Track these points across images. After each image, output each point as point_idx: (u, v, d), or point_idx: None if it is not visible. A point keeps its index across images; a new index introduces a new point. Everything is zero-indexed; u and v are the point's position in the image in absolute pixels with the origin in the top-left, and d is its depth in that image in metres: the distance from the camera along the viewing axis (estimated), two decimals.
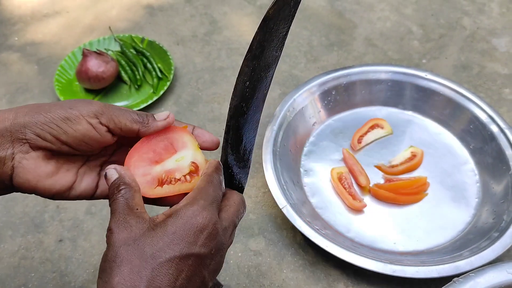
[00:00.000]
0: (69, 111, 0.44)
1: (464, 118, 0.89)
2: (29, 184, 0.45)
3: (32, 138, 0.44)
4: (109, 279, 0.38)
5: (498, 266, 0.64)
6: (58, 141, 0.45)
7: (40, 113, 0.44)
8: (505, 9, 1.18)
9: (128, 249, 0.39)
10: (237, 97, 0.51)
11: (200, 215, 0.42)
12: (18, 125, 0.43)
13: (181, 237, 0.40)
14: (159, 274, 0.38)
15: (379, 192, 0.82)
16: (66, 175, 0.48)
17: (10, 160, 0.44)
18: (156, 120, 0.49)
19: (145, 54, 1.05)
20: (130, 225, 0.41)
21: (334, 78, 0.93)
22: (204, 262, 0.42)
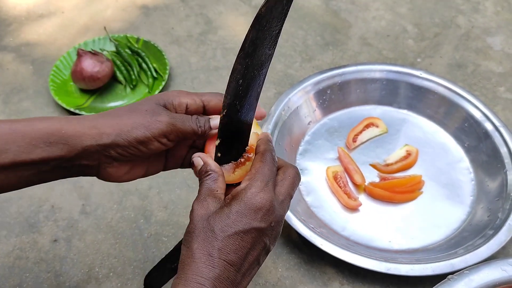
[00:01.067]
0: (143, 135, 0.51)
1: (458, 117, 0.89)
2: (110, 181, 0.55)
3: (115, 156, 0.52)
4: (190, 245, 0.48)
5: (493, 264, 0.64)
6: (134, 156, 0.53)
7: (121, 136, 0.51)
8: (499, 8, 1.18)
9: (204, 223, 0.48)
10: (230, 95, 0.51)
11: (258, 196, 0.49)
12: (104, 145, 0.51)
13: (243, 215, 0.48)
14: (227, 244, 0.47)
15: (374, 190, 0.82)
16: (139, 167, 0.56)
17: (97, 167, 0.53)
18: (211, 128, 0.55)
19: (140, 54, 1.05)
20: (207, 204, 0.50)
21: (329, 77, 0.93)
22: (264, 233, 0.49)
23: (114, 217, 0.82)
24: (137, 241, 0.79)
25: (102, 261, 0.77)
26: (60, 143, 0.50)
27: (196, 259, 0.47)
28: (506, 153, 0.81)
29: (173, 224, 0.81)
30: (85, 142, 0.50)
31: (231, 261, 0.47)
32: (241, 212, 0.48)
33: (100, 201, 0.84)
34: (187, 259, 0.47)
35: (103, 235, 0.80)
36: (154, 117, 0.52)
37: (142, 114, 0.52)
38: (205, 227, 0.48)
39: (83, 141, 0.50)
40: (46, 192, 0.85)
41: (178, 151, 0.59)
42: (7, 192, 0.52)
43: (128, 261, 0.77)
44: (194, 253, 0.47)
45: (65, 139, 0.50)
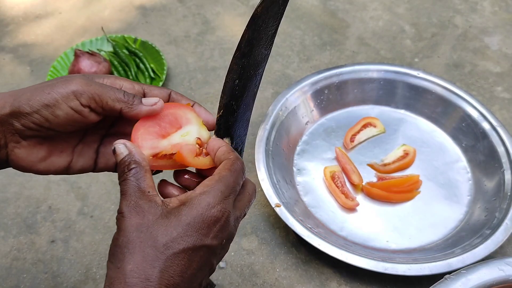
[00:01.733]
0: (47, 96, 0.43)
1: (456, 116, 0.89)
2: (24, 169, 0.47)
3: (20, 128, 0.44)
4: (121, 265, 0.39)
5: (490, 263, 0.64)
6: (43, 128, 0.45)
7: (22, 102, 0.43)
8: (497, 8, 1.18)
9: (141, 236, 0.39)
10: (226, 95, 0.51)
11: (216, 207, 0.42)
12: (5, 116, 0.43)
13: (195, 229, 0.40)
14: (172, 264, 0.39)
15: (372, 190, 0.82)
16: (60, 156, 0.48)
17: (4, 148, 0.45)
18: (142, 103, 0.47)
19: (138, 55, 1.05)
20: (143, 210, 0.41)
21: (326, 77, 0.93)
22: (214, 252, 0.43)
23: (111, 217, 0.82)
24: None
25: (100, 262, 0.77)
26: None
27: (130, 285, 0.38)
28: (503, 152, 0.81)
29: None
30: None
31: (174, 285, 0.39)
32: (193, 225, 0.40)
33: (97, 201, 0.84)
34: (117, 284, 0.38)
35: (101, 235, 0.80)
36: (64, 80, 0.45)
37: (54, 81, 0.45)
38: (143, 241, 0.39)
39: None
40: (43, 193, 0.85)
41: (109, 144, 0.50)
42: None
43: None
44: (126, 277, 0.38)
45: None
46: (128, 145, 0.45)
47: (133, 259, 0.39)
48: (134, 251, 0.39)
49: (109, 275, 0.40)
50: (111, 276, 0.39)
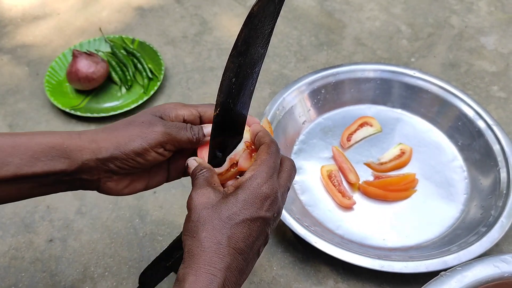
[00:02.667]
0: (140, 146, 0.52)
1: (452, 115, 0.90)
2: (111, 194, 0.56)
3: (114, 169, 0.53)
4: (196, 235, 0.47)
5: (485, 260, 0.65)
6: (133, 169, 0.54)
7: (119, 149, 0.52)
8: (493, 8, 1.19)
9: (208, 212, 0.47)
10: (223, 94, 0.51)
11: (265, 185, 0.49)
12: (102, 159, 0.52)
13: (251, 204, 0.48)
14: (236, 231, 0.47)
15: (368, 189, 0.82)
16: (140, 181, 0.57)
17: (97, 181, 0.54)
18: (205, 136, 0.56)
19: (136, 55, 1.05)
20: (208, 193, 0.49)
21: (323, 77, 0.94)
22: (268, 223, 0.50)
23: (109, 217, 0.82)
24: (133, 241, 0.79)
25: (98, 261, 0.77)
26: (62, 157, 0.51)
27: (206, 248, 0.46)
28: (499, 150, 0.82)
29: (168, 223, 0.81)
30: (85, 156, 0.51)
31: (239, 250, 0.47)
32: (248, 201, 0.48)
33: (95, 201, 0.84)
34: (196, 248, 0.46)
35: (99, 234, 0.80)
36: (150, 128, 0.53)
37: (138, 126, 0.53)
38: (211, 215, 0.47)
39: (83, 155, 0.51)
40: None
41: (179, 161, 0.59)
42: (7, 203, 0.53)
43: (124, 260, 0.77)
44: (202, 242, 0.46)
45: (67, 153, 0.51)
46: (197, 159, 0.55)
47: (205, 228, 0.47)
48: (204, 222, 0.47)
49: (187, 244, 0.47)
50: (189, 244, 0.47)
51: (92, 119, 0.97)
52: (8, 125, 0.97)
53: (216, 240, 0.46)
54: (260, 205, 0.48)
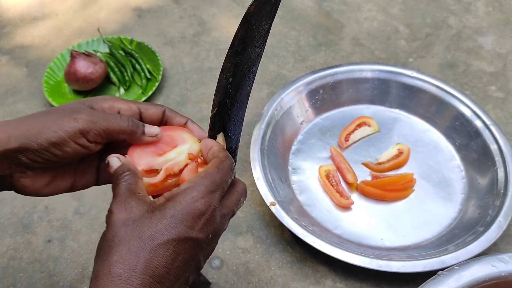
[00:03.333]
0: (55, 134, 0.44)
1: (449, 115, 0.90)
2: (29, 194, 0.49)
3: (26, 162, 0.45)
4: (107, 257, 0.39)
5: (483, 260, 0.65)
6: (49, 162, 0.46)
7: (29, 138, 0.44)
8: (491, 8, 1.19)
9: (127, 230, 0.40)
10: (220, 94, 0.52)
11: (200, 201, 0.42)
12: (12, 150, 0.44)
13: (180, 221, 0.41)
14: (156, 255, 0.39)
15: (366, 189, 0.82)
16: (63, 179, 0.50)
17: (9, 178, 0.47)
18: (144, 134, 0.49)
19: (134, 55, 1.05)
20: (131, 207, 0.42)
21: (321, 77, 0.94)
22: (200, 246, 0.42)
23: None
24: None
25: None
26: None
27: (114, 276, 0.38)
28: (496, 150, 0.82)
29: None
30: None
31: (159, 277, 0.39)
32: (177, 217, 0.41)
33: (93, 201, 0.84)
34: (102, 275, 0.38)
35: (97, 235, 0.80)
36: (70, 115, 0.46)
37: (57, 113, 0.46)
38: (129, 233, 0.40)
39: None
40: None
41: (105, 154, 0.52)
42: None
43: None
44: (111, 267, 0.38)
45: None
46: (121, 158, 0.47)
47: (119, 250, 0.39)
48: (120, 243, 0.39)
49: (95, 269, 0.40)
50: (96, 269, 0.40)
51: None
52: None
53: (129, 267, 0.38)
54: (192, 223, 0.41)
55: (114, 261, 0.38)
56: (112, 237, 0.40)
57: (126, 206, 0.42)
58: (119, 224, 0.41)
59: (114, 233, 0.40)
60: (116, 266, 0.38)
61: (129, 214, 0.41)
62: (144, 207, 0.42)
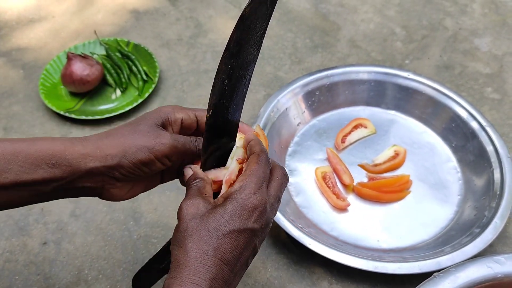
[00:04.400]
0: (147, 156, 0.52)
1: (445, 117, 0.90)
2: (112, 200, 0.56)
3: (118, 177, 0.53)
4: (183, 244, 0.47)
5: (478, 261, 0.65)
6: (137, 176, 0.54)
7: (126, 158, 0.52)
8: (487, 10, 1.19)
9: (196, 222, 0.48)
10: (216, 95, 0.51)
11: (253, 196, 0.49)
12: (108, 167, 0.51)
13: (238, 215, 0.48)
14: (222, 242, 0.47)
15: (363, 190, 0.82)
16: (140, 185, 0.58)
17: (100, 189, 0.54)
18: None
19: (131, 57, 1.05)
20: (198, 204, 0.49)
21: (317, 79, 0.94)
22: (256, 234, 0.49)
23: (103, 219, 0.82)
24: (127, 243, 0.79)
25: (92, 264, 0.77)
26: (63, 165, 0.50)
27: (192, 258, 0.46)
28: (493, 151, 0.82)
29: (162, 226, 0.81)
30: (89, 164, 0.51)
31: (226, 260, 0.47)
32: (236, 212, 0.48)
33: (89, 203, 0.84)
34: (182, 258, 0.47)
35: (93, 237, 0.80)
36: (157, 139, 0.53)
37: (145, 136, 0.54)
38: (198, 225, 0.48)
39: (87, 163, 0.51)
40: None
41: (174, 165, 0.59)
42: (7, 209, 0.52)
43: (118, 263, 0.77)
44: (188, 252, 0.46)
45: (69, 161, 0.50)
46: (192, 167, 0.55)
47: (192, 239, 0.47)
48: (192, 233, 0.47)
49: (173, 254, 0.48)
50: (175, 254, 0.47)
51: (87, 122, 0.97)
52: (3, 128, 0.97)
53: (202, 251, 0.46)
54: (248, 216, 0.48)
55: (190, 247, 0.46)
56: (184, 229, 0.48)
57: (194, 203, 0.49)
58: (189, 218, 0.48)
59: (186, 225, 0.48)
60: (192, 250, 0.46)
61: (196, 210, 0.49)
62: (208, 205, 0.50)
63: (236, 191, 0.49)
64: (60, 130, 0.96)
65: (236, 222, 0.48)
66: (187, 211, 0.49)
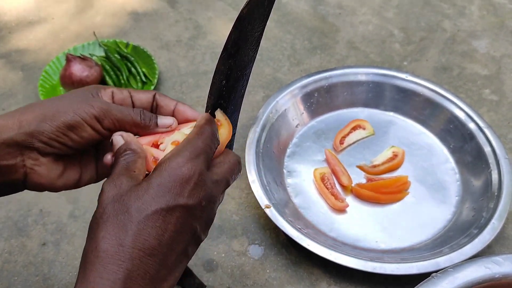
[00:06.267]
0: (72, 118, 0.45)
1: (443, 118, 0.90)
2: (43, 186, 0.48)
3: (41, 146, 0.45)
4: (94, 235, 0.38)
5: (477, 261, 0.65)
6: (65, 146, 0.47)
7: (45, 121, 0.44)
8: (485, 12, 1.20)
9: (115, 205, 0.39)
10: (214, 96, 0.52)
11: (185, 166, 0.41)
12: (24, 134, 0.44)
13: (167, 189, 0.39)
14: (145, 227, 0.38)
15: (361, 191, 0.82)
16: (73, 170, 0.50)
17: (21, 167, 0.46)
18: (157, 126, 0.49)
19: (130, 59, 1.05)
20: (121, 183, 0.41)
21: (316, 80, 0.94)
22: (193, 213, 0.41)
23: None
24: None
25: None
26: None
27: (101, 252, 0.37)
28: (490, 152, 0.82)
29: None
30: (3, 135, 0.44)
31: (150, 250, 0.38)
32: (163, 185, 0.39)
33: (88, 204, 0.84)
34: (89, 253, 0.38)
35: None
36: (84, 101, 0.47)
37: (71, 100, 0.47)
38: (116, 209, 0.39)
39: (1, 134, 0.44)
40: (34, 197, 0.85)
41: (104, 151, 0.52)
42: None
43: None
44: (98, 244, 0.37)
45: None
46: (125, 135, 0.46)
47: (105, 226, 0.38)
48: (107, 219, 0.38)
49: (84, 248, 0.39)
50: (85, 248, 0.39)
51: None
52: None
53: (117, 241, 0.37)
54: (179, 189, 0.40)
55: (101, 237, 0.37)
56: (100, 215, 0.39)
57: (116, 182, 0.41)
58: (108, 201, 0.40)
59: (103, 210, 0.39)
60: (103, 242, 0.37)
61: (118, 190, 0.40)
62: (133, 182, 0.41)
63: (165, 160, 0.41)
64: None
65: (164, 199, 0.39)
66: (108, 193, 0.40)
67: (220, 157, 0.47)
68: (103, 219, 0.38)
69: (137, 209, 0.38)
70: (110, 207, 0.39)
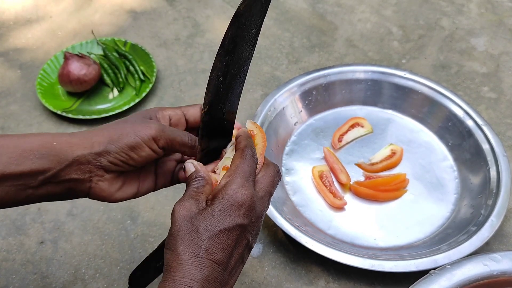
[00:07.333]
0: (134, 140, 0.52)
1: (442, 116, 0.90)
2: (103, 198, 0.55)
3: (107, 165, 0.52)
4: (175, 248, 0.47)
5: (475, 258, 0.65)
6: (127, 165, 0.53)
7: (112, 143, 0.52)
8: (483, 10, 1.20)
9: (187, 225, 0.48)
10: (211, 93, 0.52)
11: (239, 192, 0.49)
12: (94, 154, 0.51)
13: (226, 213, 0.48)
14: (213, 243, 0.47)
15: (359, 189, 0.82)
16: (131, 184, 0.57)
17: (88, 181, 0.53)
18: None
19: (128, 57, 1.05)
20: (190, 205, 0.49)
21: (314, 78, 0.94)
22: (247, 229, 0.49)
23: (100, 218, 0.82)
24: (124, 242, 0.79)
25: (89, 262, 0.77)
26: (51, 155, 0.50)
27: (183, 261, 0.46)
28: (489, 150, 0.82)
29: (160, 224, 0.81)
30: (76, 152, 0.51)
31: (218, 261, 0.47)
32: (224, 210, 0.48)
33: (86, 203, 0.84)
34: (173, 262, 0.47)
35: (90, 236, 0.80)
36: (143, 124, 0.53)
37: (132, 123, 0.54)
38: (189, 228, 0.48)
39: (74, 151, 0.51)
40: None
41: (167, 165, 0.60)
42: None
43: (115, 262, 0.77)
44: (180, 255, 0.46)
45: (56, 151, 0.50)
46: (195, 163, 0.54)
47: (183, 242, 0.47)
48: (183, 236, 0.47)
49: (166, 259, 0.48)
50: (168, 258, 0.48)
51: (84, 121, 0.97)
52: (0, 127, 0.97)
53: (194, 253, 0.46)
54: (236, 213, 0.48)
55: (181, 250, 0.47)
56: (176, 232, 0.48)
57: (186, 205, 0.49)
58: (180, 221, 0.48)
59: (177, 228, 0.48)
60: (184, 253, 0.46)
61: (188, 212, 0.49)
62: (200, 206, 0.49)
63: (222, 188, 0.49)
64: (57, 129, 0.96)
65: (225, 221, 0.48)
66: (179, 213, 0.49)
67: (262, 171, 0.53)
68: (179, 235, 0.48)
69: (205, 229, 0.47)
70: (184, 227, 0.48)
